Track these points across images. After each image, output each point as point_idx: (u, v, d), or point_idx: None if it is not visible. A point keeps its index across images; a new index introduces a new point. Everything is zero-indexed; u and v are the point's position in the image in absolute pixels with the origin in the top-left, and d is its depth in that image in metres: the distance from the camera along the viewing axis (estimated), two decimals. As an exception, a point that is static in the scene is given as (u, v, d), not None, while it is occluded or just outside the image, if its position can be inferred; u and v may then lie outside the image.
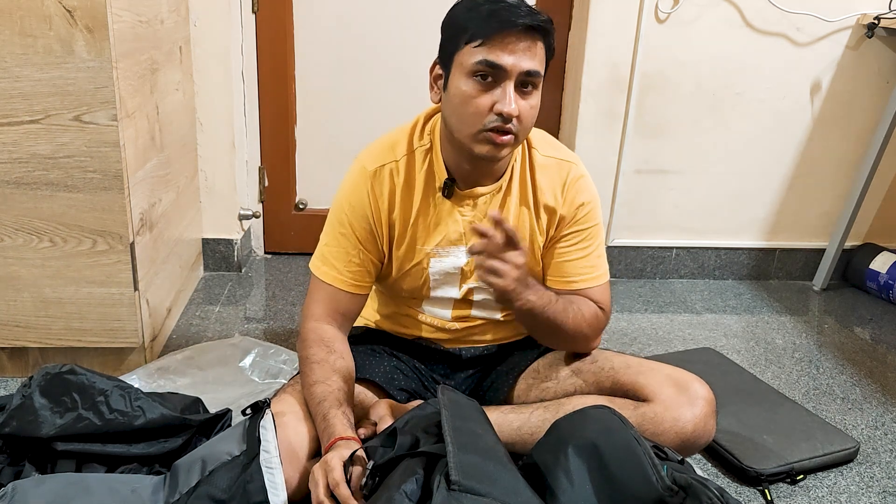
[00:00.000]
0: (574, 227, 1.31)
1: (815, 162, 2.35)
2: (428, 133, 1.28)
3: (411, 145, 1.27)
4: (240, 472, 1.06)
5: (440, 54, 1.19)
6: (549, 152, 1.30)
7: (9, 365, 1.63)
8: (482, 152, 1.16)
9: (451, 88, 1.16)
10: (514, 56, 1.10)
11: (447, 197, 1.27)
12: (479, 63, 1.11)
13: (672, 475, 1.01)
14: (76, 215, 1.49)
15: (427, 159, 1.27)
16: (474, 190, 1.27)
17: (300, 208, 2.43)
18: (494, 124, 1.13)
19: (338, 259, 1.28)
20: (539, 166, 1.29)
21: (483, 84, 1.12)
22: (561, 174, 1.29)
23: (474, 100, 1.13)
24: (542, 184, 1.29)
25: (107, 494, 1.09)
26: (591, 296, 1.31)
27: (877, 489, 1.43)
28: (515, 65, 1.11)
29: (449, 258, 1.30)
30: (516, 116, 1.12)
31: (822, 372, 1.87)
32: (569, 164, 1.30)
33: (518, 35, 1.10)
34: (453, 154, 1.24)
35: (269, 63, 2.26)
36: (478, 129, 1.14)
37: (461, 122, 1.16)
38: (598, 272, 1.32)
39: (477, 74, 1.12)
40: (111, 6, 1.38)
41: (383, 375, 1.34)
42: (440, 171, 1.26)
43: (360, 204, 1.27)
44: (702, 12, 2.14)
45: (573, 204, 1.30)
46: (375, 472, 1.02)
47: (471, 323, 1.38)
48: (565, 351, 1.36)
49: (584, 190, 1.31)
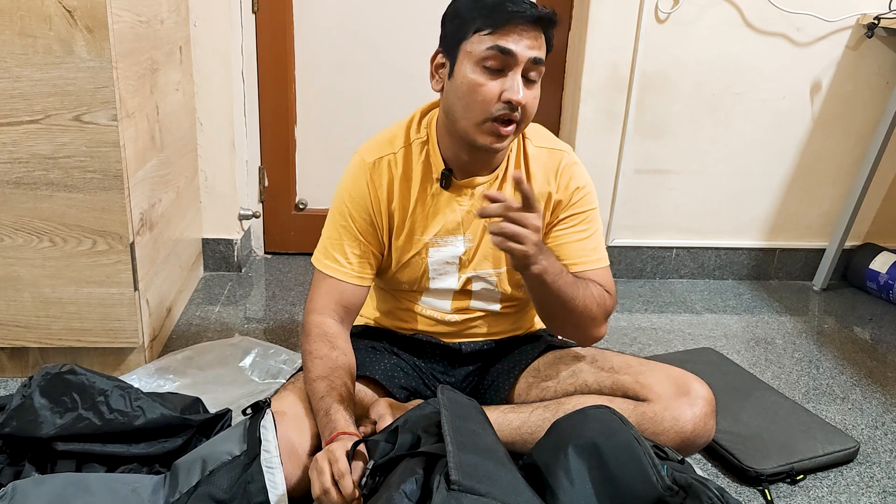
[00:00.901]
0: (571, 211, 1.32)
1: (815, 162, 2.35)
2: (425, 126, 1.31)
3: (408, 138, 1.30)
4: (241, 473, 1.06)
5: (444, 43, 1.21)
6: (540, 143, 1.33)
7: (9, 365, 1.63)
8: (485, 143, 1.18)
9: (457, 77, 1.17)
10: (522, 44, 1.13)
11: (444, 187, 1.29)
12: (491, 49, 1.13)
13: (672, 475, 1.02)
14: (76, 215, 1.49)
15: (424, 151, 1.29)
16: (472, 180, 1.29)
17: (300, 208, 2.44)
18: (501, 112, 1.15)
19: (339, 251, 1.30)
20: (532, 157, 1.31)
21: (491, 73, 1.14)
22: (553, 161, 1.31)
23: (482, 87, 1.14)
24: (536, 172, 1.31)
25: (107, 494, 1.09)
26: (595, 278, 1.30)
27: (877, 489, 1.43)
28: (524, 52, 1.13)
29: (447, 248, 1.32)
30: (522, 105, 1.15)
31: (822, 372, 1.87)
32: (560, 152, 1.32)
33: (526, 25, 1.13)
34: (451, 145, 1.26)
35: (269, 63, 2.26)
36: (484, 117, 1.16)
37: (467, 110, 1.17)
38: (598, 255, 1.33)
39: (486, 61, 1.14)
40: (111, 6, 1.38)
41: (384, 373, 1.34)
42: (437, 162, 1.28)
43: (360, 195, 1.29)
44: (702, 12, 2.14)
45: (568, 188, 1.31)
46: (375, 471, 1.02)
47: (470, 315, 1.39)
48: (573, 338, 1.33)
49: (578, 175, 1.32)
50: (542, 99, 1.21)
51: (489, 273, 1.34)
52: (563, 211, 1.32)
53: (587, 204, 1.32)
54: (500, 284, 1.35)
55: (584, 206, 1.32)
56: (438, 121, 1.28)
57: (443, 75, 1.21)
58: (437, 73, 1.23)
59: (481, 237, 1.32)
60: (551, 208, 1.32)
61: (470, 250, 1.33)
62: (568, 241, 1.31)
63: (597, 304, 1.26)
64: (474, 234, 1.32)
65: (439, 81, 1.23)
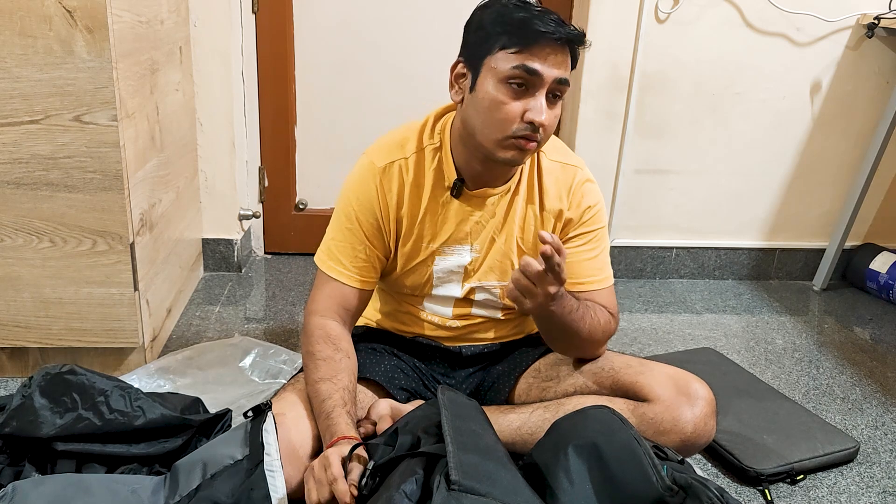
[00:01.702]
0: (581, 230, 1.31)
1: (815, 162, 2.35)
2: (438, 132, 1.28)
3: (421, 143, 1.27)
4: (244, 479, 1.06)
5: (466, 55, 1.18)
6: (554, 157, 1.31)
7: (9, 365, 1.63)
8: (506, 157, 1.17)
9: (479, 91, 1.15)
10: (548, 65, 1.11)
11: (456, 197, 1.27)
12: (517, 68, 1.11)
13: (672, 475, 1.01)
14: (76, 215, 1.49)
15: (437, 158, 1.27)
16: (484, 191, 1.27)
17: (300, 208, 2.43)
18: (524, 133, 1.13)
19: (344, 254, 1.28)
20: (546, 170, 1.30)
21: (516, 91, 1.12)
22: (567, 178, 1.30)
23: (505, 106, 1.13)
24: (549, 187, 1.30)
25: (107, 495, 1.09)
26: (600, 298, 1.31)
27: (877, 489, 1.43)
28: (551, 74, 1.11)
29: (454, 257, 1.31)
30: (544, 126, 1.13)
31: (822, 372, 1.87)
32: (574, 168, 1.31)
33: (554, 45, 1.11)
34: (465, 155, 1.24)
35: (269, 63, 2.26)
36: (505, 135, 1.14)
37: (487, 126, 1.15)
38: (604, 275, 1.33)
39: (512, 80, 1.12)
40: (111, 6, 1.38)
41: (384, 374, 1.34)
42: (449, 171, 1.26)
43: (368, 199, 1.27)
44: (702, 12, 2.14)
45: (580, 207, 1.30)
46: (375, 472, 1.02)
47: (471, 321, 1.38)
48: (571, 356, 1.35)
49: (590, 193, 1.31)
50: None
51: (493, 285, 1.34)
52: (574, 229, 1.31)
53: (597, 223, 1.32)
54: (503, 296, 1.35)
55: (594, 225, 1.32)
56: (454, 129, 1.26)
57: (463, 86, 1.19)
58: (456, 83, 1.20)
59: (488, 249, 1.31)
60: (562, 225, 1.31)
61: (476, 261, 1.32)
62: (576, 259, 1.31)
63: (602, 330, 1.27)
64: (482, 246, 1.31)
65: (459, 92, 1.20)
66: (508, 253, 1.31)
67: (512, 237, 1.31)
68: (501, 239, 1.31)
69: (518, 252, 1.32)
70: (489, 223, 1.29)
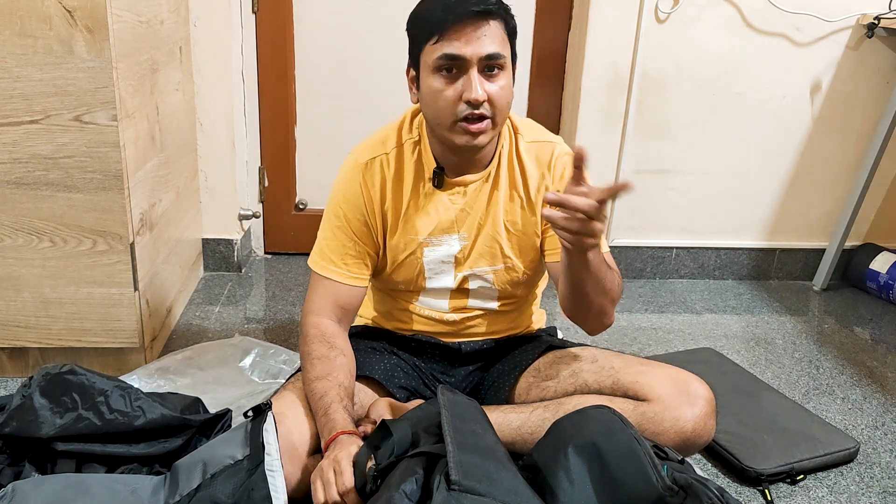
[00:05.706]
0: None
1: (815, 162, 2.35)
2: (416, 126, 1.32)
3: (400, 138, 1.32)
4: (244, 479, 1.06)
5: (409, 57, 1.25)
6: (531, 138, 1.33)
7: (9, 365, 1.63)
8: (462, 143, 1.20)
9: (422, 87, 1.21)
10: (470, 44, 1.14)
11: (437, 186, 1.29)
12: (440, 58, 1.15)
13: (672, 475, 1.01)
14: (76, 215, 1.49)
15: (416, 151, 1.31)
16: (463, 178, 1.30)
17: (300, 208, 2.44)
18: (465, 113, 1.16)
19: (335, 252, 1.31)
20: (524, 151, 1.32)
21: (448, 77, 1.16)
22: (545, 154, 1.32)
23: (442, 93, 1.17)
24: (530, 167, 1.31)
25: (107, 495, 1.08)
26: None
27: (877, 489, 1.43)
28: (474, 52, 1.14)
29: (442, 246, 1.32)
30: (486, 101, 1.15)
31: (822, 372, 1.87)
32: (551, 143, 1.33)
33: (470, 22, 1.13)
34: (439, 146, 1.28)
35: (269, 63, 2.26)
36: (451, 120, 1.18)
37: (437, 117, 1.20)
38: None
39: (441, 69, 1.16)
40: (111, 6, 1.38)
41: (383, 373, 1.34)
42: (429, 162, 1.29)
43: (354, 195, 1.30)
44: (702, 12, 2.14)
45: (564, 178, 1.31)
46: (377, 475, 1.02)
47: (468, 314, 1.39)
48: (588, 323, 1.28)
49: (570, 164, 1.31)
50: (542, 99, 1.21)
51: (485, 270, 1.34)
52: None
53: None
54: (496, 282, 1.35)
55: None
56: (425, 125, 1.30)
57: (414, 87, 1.25)
58: (412, 86, 1.26)
59: (476, 235, 1.32)
60: None
61: (465, 248, 1.33)
62: None
63: (618, 288, 1.26)
64: (469, 232, 1.32)
65: (414, 94, 1.26)
66: (497, 237, 1.32)
67: (498, 221, 1.32)
68: (488, 224, 1.32)
69: (507, 236, 1.32)
70: (473, 210, 1.31)
